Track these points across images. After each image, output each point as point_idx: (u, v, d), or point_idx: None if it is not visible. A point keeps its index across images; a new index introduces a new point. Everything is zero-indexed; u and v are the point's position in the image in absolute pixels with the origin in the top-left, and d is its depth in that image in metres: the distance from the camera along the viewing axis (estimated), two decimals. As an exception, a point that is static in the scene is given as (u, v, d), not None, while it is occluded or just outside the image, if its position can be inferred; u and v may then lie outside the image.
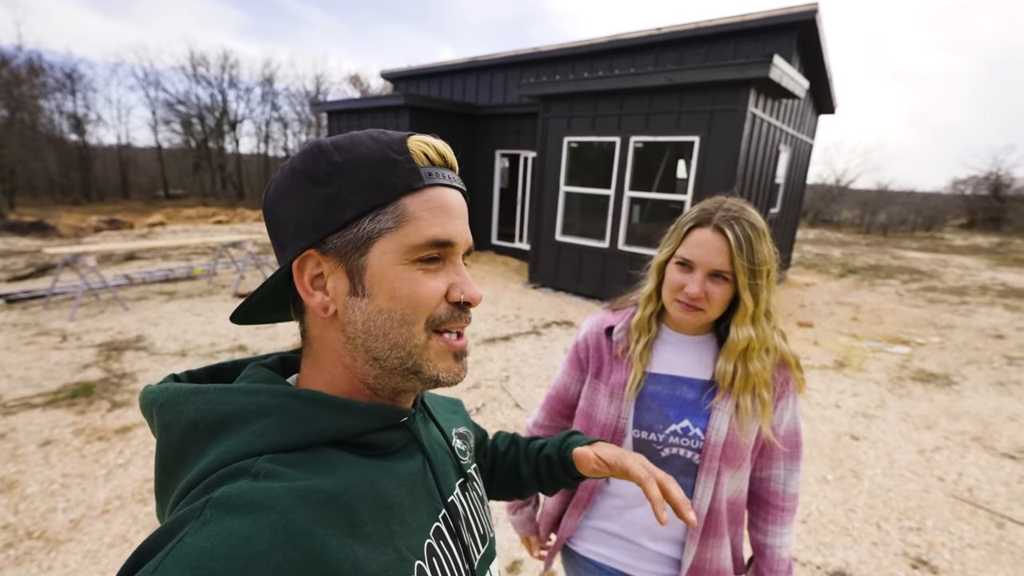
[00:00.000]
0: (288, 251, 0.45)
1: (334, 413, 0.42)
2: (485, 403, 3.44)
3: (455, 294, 0.46)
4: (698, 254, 0.87)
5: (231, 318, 0.49)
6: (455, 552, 0.49)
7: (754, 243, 0.85)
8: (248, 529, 0.32)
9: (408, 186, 0.43)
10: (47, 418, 2.97)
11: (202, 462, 0.37)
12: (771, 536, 0.97)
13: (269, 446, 0.38)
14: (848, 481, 2.74)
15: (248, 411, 0.40)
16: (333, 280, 0.44)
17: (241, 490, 0.34)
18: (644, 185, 6.19)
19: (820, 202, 23.25)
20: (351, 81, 26.93)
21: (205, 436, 0.39)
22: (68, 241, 10.01)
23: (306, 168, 0.43)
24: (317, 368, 0.47)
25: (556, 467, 0.72)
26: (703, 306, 0.88)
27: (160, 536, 0.33)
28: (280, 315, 0.52)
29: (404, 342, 0.44)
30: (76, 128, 21.28)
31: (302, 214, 0.43)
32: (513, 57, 9.06)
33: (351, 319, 0.44)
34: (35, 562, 1.93)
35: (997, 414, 3.67)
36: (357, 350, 0.45)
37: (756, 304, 0.87)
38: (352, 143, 0.44)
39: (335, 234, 0.43)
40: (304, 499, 0.36)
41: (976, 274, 10.53)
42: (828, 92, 8.31)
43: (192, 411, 0.39)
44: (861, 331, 5.77)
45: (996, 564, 2.17)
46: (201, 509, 0.33)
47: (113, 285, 5.92)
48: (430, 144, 0.46)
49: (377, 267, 0.43)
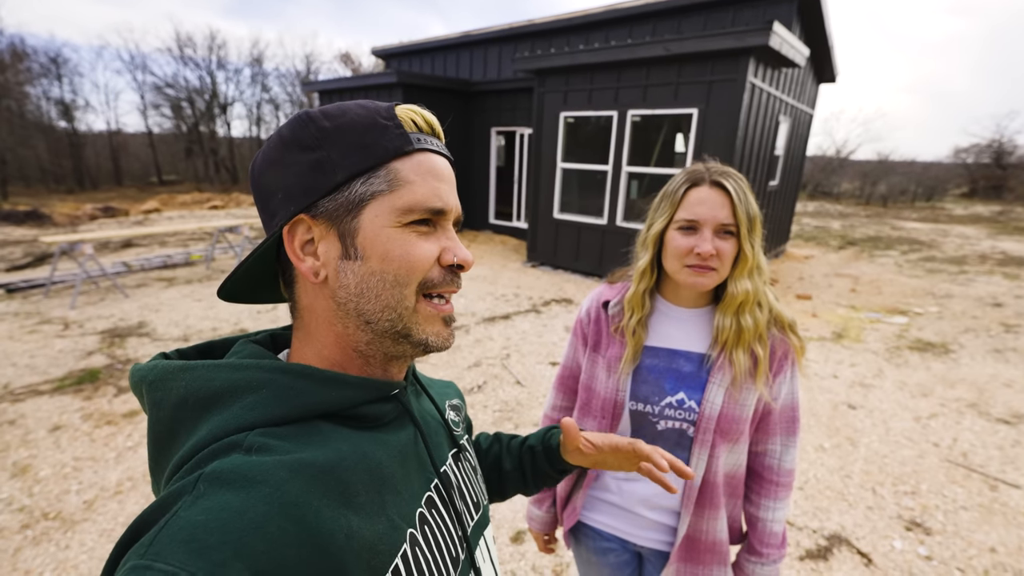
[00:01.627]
0: (278, 218, 0.44)
1: (325, 386, 0.43)
2: (486, 381, 3.48)
3: (447, 257, 0.46)
4: (702, 211, 0.87)
5: (218, 292, 0.49)
6: (448, 520, 0.50)
7: (748, 195, 0.87)
8: (241, 502, 0.33)
9: (398, 149, 0.43)
10: (55, 404, 3.00)
11: (194, 437, 0.38)
12: (764, 510, 0.98)
13: (260, 420, 0.39)
14: (845, 449, 2.80)
15: (238, 386, 0.40)
16: (324, 245, 0.44)
17: (233, 464, 0.34)
18: (642, 160, 6.11)
19: (820, 174, 23.01)
20: (342, 59, 26.35)
21: (196, 412, 0.39)
22: (64, 230, 9.94)
23: (294, 135, 0.43)
24: (308, 340, 0.47)
25: (540, 458, 0.72)
26: (715, 264, 0.87)
27: (154, 511, 0.33)
28: (267, 292, 0.52)
29: (396, 303, 0.44)
30: (65, 114, 20.88)
31: (291, 180, 0.43)
32: (507, 31, 8.84)
33: (343, 283, 0.44)
34: (53, 541, 1.98)
35: (993, 381, 3.71)
36: (348, 315, 0.45)
37: (753, 256, 0.88)
38: (340, 110, 0.44)
39: (326, 198, 0.43)
40: (296, 471, 0.36)
41: (976, 243, 10.51)
42: (829, 60, 8.13)
43: (182, 387, 0.39)
44: (859, 302, 5.79)
45: (988, 525, 2.23)
46: (194, 483, 0.33)
47: (112, 272, 5.91)
48: (417, 112, 0.47)
49: (370, 229, 0.43)
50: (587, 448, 0.66)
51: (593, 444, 0.66)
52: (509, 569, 1.93)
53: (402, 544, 0.42)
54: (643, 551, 1.05)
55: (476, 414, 3.05)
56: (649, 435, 0.96)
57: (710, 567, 0.97)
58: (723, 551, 0.97)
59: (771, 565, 0.98)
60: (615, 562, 1.07)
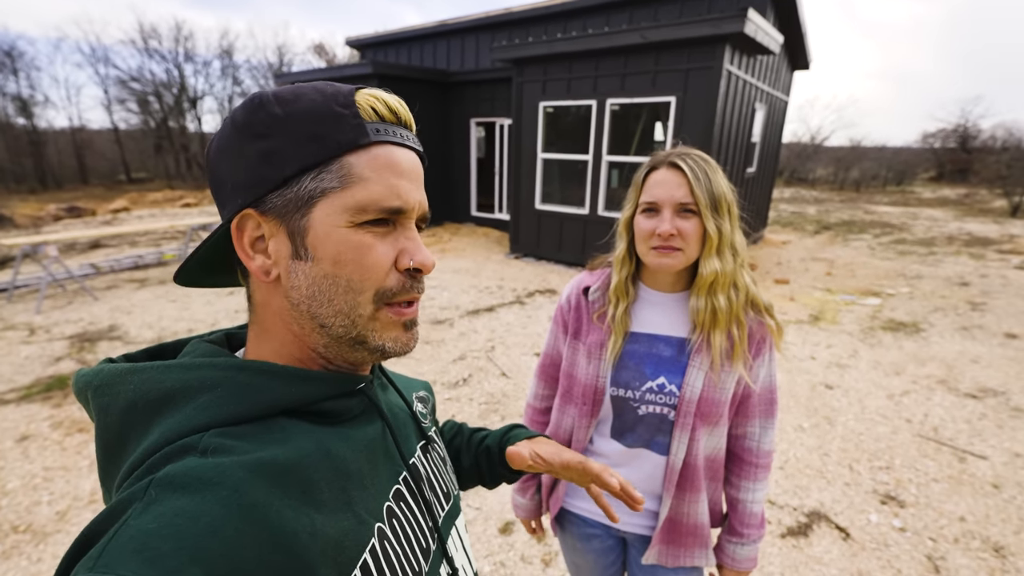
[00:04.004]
0: (226, 210, 0.42)
1: (286, 382, 0.41)
2: (472, 374, 3.47)
3: (404, 260, 0.43)
4: (659, 193, 0.88)
5: (174, 278, 0.47)
6: (417, 512, 0.49)
7: (709, 174, 0.87)
8: (196, 507, 0.31)
9: (352, 142, 0.40)
10: (22, 413, 2.89)
11: (145, 442, 0.36)
12: (744, 491, 0.99)
13: (216, 420, 0.37)
14: (823, 428, 2.87)
15: (191, 386, 0.38)
16: (275, 242, 0.41)
17: (187, 467, 0.33)
18: (622, 149, 6.13)
19: (795, 160, 23.45)
20: (315, 51, 25.69)
21: (146, 416, 0.37)
22: (26, 231, 9.54)
23: (246, 120, 0.41)
24: (264, 337, 0.45)
25: (495, 458, 0.71)
26: (678, 244, 0.88)
27: (103, 520, 0.31)
28: (225, 278, 0.50)
29: (349, 310, 0.42)
30: (23, 111, 19.96)
31: (240, 170, 0.41)
32: (484, 19, 8.72)
33: (294, 284, 0.42)
34: (24, 555, 1.92)
35: (961, 357, 3.85)
36: (303, 317, 0.42)
37: (720, 236, 0.88)
38: (295, 95, 0.41)
39: (274, 192, 0.40)
40: (256, 471, 0.35)
41: (944, 225, 10.86)
42: (802, 47, 8.24)
43: (130, 391, 0.37)
44: (835, 285, 5.94)
45: (958, 495, 2.32)
46: (145, 490, 0.32)
47: (79, 275, 5.70)
48: (380, 98, 0.43)
49: (320, 229, 0.40)
50: (537, 464, 0.66)
51: (543, 459, 0.66)
52: (498, 559, 1.94)
53: (370, 539, 0.41)
54: (627, 536, 1.05)
55: (462, 407, 3.04)
56: (630, 420, 0.96)
57: (692, 549, 0.98)
58: (704, 534, 0.99)
59: (751, 545, 0.99)
60: (599, 548, 1.07)
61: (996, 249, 8.07)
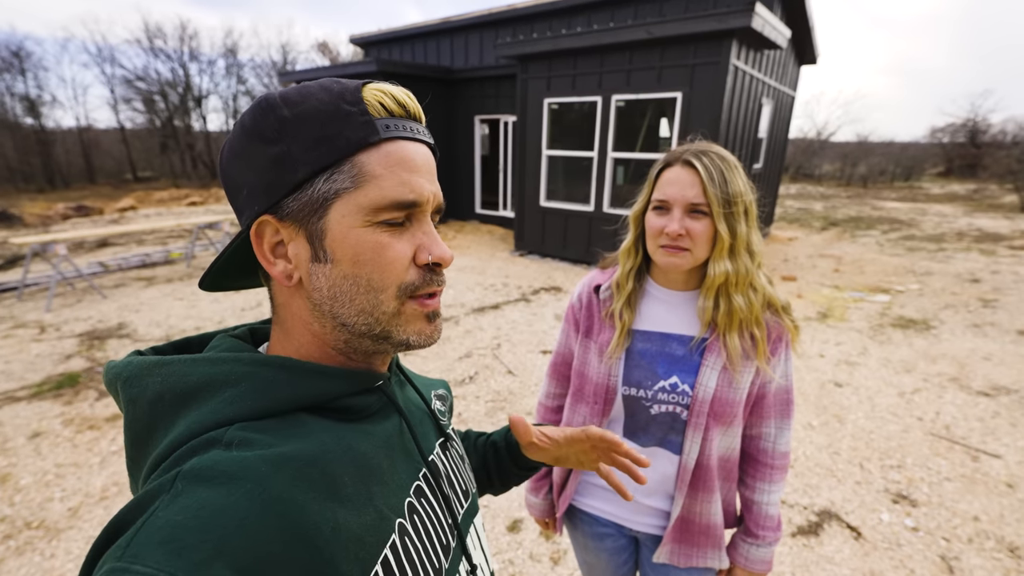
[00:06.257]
0: (244, 217, 0.42)
1: (307, 378, 0.41)
2: (478, 371, 3.46)
3: (422, 256, 0.43)
4: (671, 191, 0.87)
5: (200, 284, 0.47)
6: (437, 509, 0.49)
7: (725, 174, 0.85)
8: (222, 500, 0.32)
9: (363, 141, 0.40)
10: (33, 410, 2.92)
11: (171, 434, 0.36)
12: (759, 493, 0.98)
13: (240, 414, 0.37)
14: (832, 426, 2.85)
15: (216, 380, 0.38)
16: (294, 247, 0.42)
17: (213, 461, 0.33)
18: (627, 146, 6.09)
19: (802, 156, 23.25)
20: (320, 49, 25.71)
21: (173, 408, 0.38)
22: (35, 230, 9.62)
23: (255, 125, 0.40)
24: (286, 336, 0.45)
25: (502, 453, 0.71)
26: (686, 245, 0.87)
27: (130, 511, 0.32)
28: (251, 280, 0.50)
29: (372, 308, 0.42)
30: (31, 111, 20.11)
31: (253, 176, 0.41)
32: (487, 16, 8.68)
33: (316, 286, 0.42)
34: (37, 551, 1.93)
35: (973, 355, 3.81)
36: (324, 317, 0.43)
37: (733, 237, 0.86)
38: (302, 95, 0.40)
39: (289, 197, 0.40)
40: (279, 466, 0.35)
41: (953, 221, 10.74)
42: (810, 41, 8.15)
43: (157, 383, 0.38)
44: (843, 282, 5.89)
45: (971, 494, 2.29)
46: (172, 482, 0.32)
47: (88, 273, 5.74)
48: (388, 92, 0.42)
49: (337, 231, 0.40)
50: (542, 441, 0.65)
51: (548, 437, 0.65)
52: (507, 558, 1.94)
53: (391, 535, 0.41)
54: (639, 536, 1.05)
55: (468, 405, 3.04)
56: (643, 420, 0.95)
57: (704, 549, 0.97)
58: (718, 534, 0.97)
59: (767, 547, 0.98)
60: (612, 547, 1.06)
61: (1007, 245, 7.97)
